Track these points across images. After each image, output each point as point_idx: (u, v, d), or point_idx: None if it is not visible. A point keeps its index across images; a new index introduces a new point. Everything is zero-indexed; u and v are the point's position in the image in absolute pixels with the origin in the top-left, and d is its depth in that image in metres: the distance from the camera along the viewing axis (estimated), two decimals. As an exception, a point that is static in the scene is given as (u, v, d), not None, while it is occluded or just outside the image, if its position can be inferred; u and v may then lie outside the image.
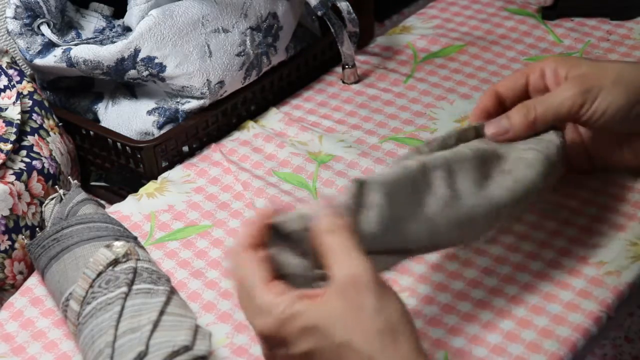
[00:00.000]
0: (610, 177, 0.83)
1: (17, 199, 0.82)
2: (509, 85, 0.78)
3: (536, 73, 0.77)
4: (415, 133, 0.94)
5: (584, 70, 0.75)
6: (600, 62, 0.77)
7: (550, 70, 0.76)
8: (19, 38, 0.93)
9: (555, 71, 0.76)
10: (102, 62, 0.90)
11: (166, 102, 0.94)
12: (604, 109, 0.73)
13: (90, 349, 0.67)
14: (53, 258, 0.75)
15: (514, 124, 0.74)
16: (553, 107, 0.74)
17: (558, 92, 0.74)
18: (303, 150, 0.93)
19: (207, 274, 0.80)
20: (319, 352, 0.58)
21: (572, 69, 0.75)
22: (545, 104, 0.74)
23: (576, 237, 0.78)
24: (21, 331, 0.76)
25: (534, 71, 0.77)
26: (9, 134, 0.83)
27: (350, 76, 1.03)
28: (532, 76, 0.77)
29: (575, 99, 0.73)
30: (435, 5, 1.15)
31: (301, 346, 0.58)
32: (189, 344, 0.65)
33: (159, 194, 0.89)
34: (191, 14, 0.91)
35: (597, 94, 0.73)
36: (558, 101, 0.74)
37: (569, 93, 0.73)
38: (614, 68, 0.75)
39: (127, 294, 0.69)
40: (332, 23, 0.98)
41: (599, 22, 1.08)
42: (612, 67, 0.75)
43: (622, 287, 0.73)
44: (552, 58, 0.78)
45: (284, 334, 0.58)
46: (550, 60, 0.77)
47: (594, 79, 0.74)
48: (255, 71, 0.97)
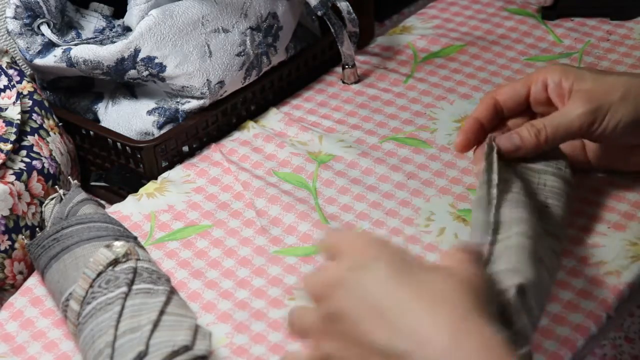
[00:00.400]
0: (610, 177, 0.83)
1: (17, 199, 0.82)
2: (509, 94, 0.77)
3: (538, 84, 0.76)
4: (415, 133, 0.94)
5: (589, 85, 0.74)
6: (605, 75, 0.76)
7: (553, 81, 0.75)
8: (19, 38, 0.93)
9: (558, 83, 0.75)
10: (102, 62, 0.90)
11: (166, 102, 0.94)
12: (614, 125, 0.73)
13: (90, 349, 0.67)
14: (53, 258, 0.75)
15: (526, 143, 0.73)
16: (563, 126, 0.73)
17: (567, 111, 0.74)
18: (303, 150, 0.93)
19: (207, 274, 0.80)
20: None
21: (576, 82, 0.74)
22: (554, 124, 0.73)
23: (576, 237, 0.78)
24: (21, 331, 0.76)
25: (536, 81, 0.76)
26: (9, 134, 0.83)
27: (350, 76, 1.03)
28: (534, 87, 0.76)
29: (585, 118, 0.73)
30: (435, 5, 1.15)
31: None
32: (189, 343, 0.65)
33: (159, 194, 0.89)
34: (191, 14, 0.91)
35: (607, 111, 0.73)
36: (568, 120, 0.73)
37: (579, 112, 0.73)
38: (622, 83, 0.74)
39: (127, 294, 0.69)
40: (332, 23, 0.98)
41: (599, 22, 1.08)
42: (619, 81, 0.75)
43: (622, 287, 0.73)
44: (554, 67, 0.77)
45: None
46: (553, 70, 0.76)
47: (601, 95, 0.73)
48: (255, 71, 0.97)
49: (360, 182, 0.88)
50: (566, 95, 0.75)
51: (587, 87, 0.74)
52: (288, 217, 0.85)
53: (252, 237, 0.83)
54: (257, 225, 0.84)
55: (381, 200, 0.86)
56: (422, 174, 0.88)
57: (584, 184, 0.83)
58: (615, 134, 0.74)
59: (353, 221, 0.84)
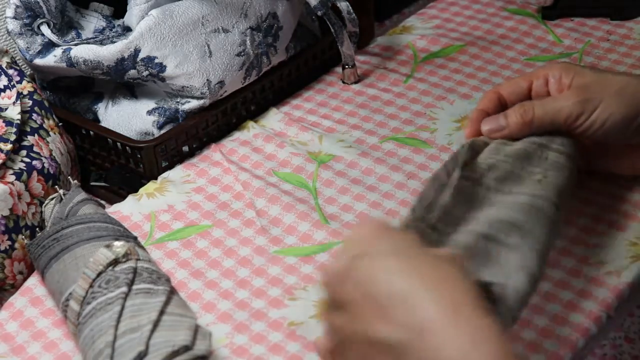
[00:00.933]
0: (610, 177, 0.83)
1: (17, 199, 0.82)
2: (511, 89, 0.78)
3: (540, 79, 0.77)
4: (415, 133, 0.94)
5: (587, 80, 0.74)
6: (605, 73, 0.76)
7: (554, 77, 0.76)
8: (19, 38, 0.93)
9: (559, 78, 0.76)
10: (102, 62, 0.90)
11: (166, 102, 0.94)
12: (603, 120, 0.73)
13: (90, 349, 0.67)
14: (53, 258, 0.75)
15: (510, 123, 0.74)
16: (551, 111, 0.74)
17: (558, 98, 0.74)
18: (303, 150, 0.93)
19: (207, 274, 0.80)
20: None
21: (576, 77, 0.75)
22: (544, 107, 0.74)
23: (576, 237, 0.78)
24: (21, 331, 0.76)
25: (538, 77, 0.77)
26: (9, 134, 0.83)
27: (350, 76, 1.03)
28: (536, 82, 0.77)
29: (573, 108, 0.73)
30: (435, 5, 1.15)
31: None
32: (189, 343, 0.65)
33: (159, 194, 0.89)
34: (191, 14, 0.91)
35: (597, 105, 0.73)
36: (557, 107, 0.74)
37: (569, 101, 0.73)
38: (618, 80, 0.74)
39: (127, 294, 0.69)
40: (332, 23, 0.98)
41: (599, 22, 1.08)
42: (616, 79, 0.75)
43: (622, 287, 0.73)
44: (557, 64, 0.77)
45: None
46: (555, 66, 0.77)
47: (596, 89, 0.73)
48: (255, 71, 0.97)
49: (360, 182, 0.88)
50: (565, 89, 0.75)
51: (585, 82, 0.74)
52: (288, 217, 0.85)
53: (252, 237, 0.83)
54: (257, 225, 0.84)
55: (381, 200, 0.86)
56: (422, 174, 0.88)
57: (585, 184, 0.83)
58: (603, 129, 0.73)
59: (353, 221, 0.84)
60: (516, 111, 0.74)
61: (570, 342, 0.69)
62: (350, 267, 0.56)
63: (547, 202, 0.67)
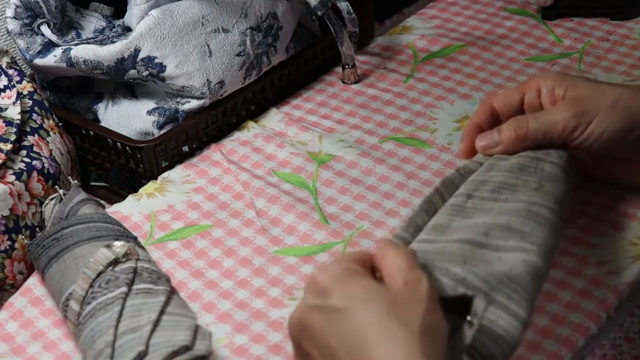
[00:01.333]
0: (610, 177, 0.83)
1: (17, 199, 0.82)
2: (503, 101, 0.77)
3: (532, 91, 0.76)
4: (415, 133, 0.94)
5: (581, 92, 0.74)
6: (599, 85, 0.75)
7: (546, 88, 0.75)
8: (19, 38, 0.93)
9: (551, 90, 0.75)
10: (102, 62, 0.90)
11: (166, 102, 0.94)
12: (599, 133, 0.72)
13: (91, 349, 0.67)
14: (53, 258, 0.75)
15: (504, 138, 0.73)
16: (545, 125, 0.73)
17: (552, 112, 0.73)
18: (303, 150, 0.93)
19: (207, 274, 0.80)
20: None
21: (570, 89, 0.74)
22: (538, 122, 0.73)
23: (576, 237, 0.78)
24: (21, 331, 0.76)
25: (530, 88, 0.76)
26: (9, 134, 0.83)
27: (350, 76, 1.03)
28: (528, 94, 0.76)
29: (568, 121, 0.72)
30: (435, 5, 1.15)
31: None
32: (189, 343, 0.65)
33: (159, 194, 0.89)
34: (191, 14, 0.91)
35: (592, 118, 0.72)
36: (551, 121, 0.73)
37: (564, 115, 0.73)
38: (612, 92, 0.74)
39: (127, 294, 0.69)
40: (332, 23, 0.98)
41: (599, 22, 1.08)
42: (610, 90, 0.74)
43: (622, 287, 0.73)
44: (549, 75, 0.76)
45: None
46: (547, 77, 0.76)
47: (590, 102, 0.73)
48: (255, 71, 0.97)
49: (360, 182, 0.88)
50: (558, 102, 0.74)
51: (579, 94, 0.74)
52: (288, 217, 0.85)
53: (252, 237, 0.83)
54: (257, 225, 0.84)
55: (381, 200, 0.86)
56: (422, 174, 0.88)
57: (585, 184, 0.83)
58: (599, 142, 0.73)
59: (353, 221, 0.84)
60: (510, 126, 0.73)
61: (570, 342, 0.69)
62: (306, 319, 0.58)
63: (545, 209, 0.66)
